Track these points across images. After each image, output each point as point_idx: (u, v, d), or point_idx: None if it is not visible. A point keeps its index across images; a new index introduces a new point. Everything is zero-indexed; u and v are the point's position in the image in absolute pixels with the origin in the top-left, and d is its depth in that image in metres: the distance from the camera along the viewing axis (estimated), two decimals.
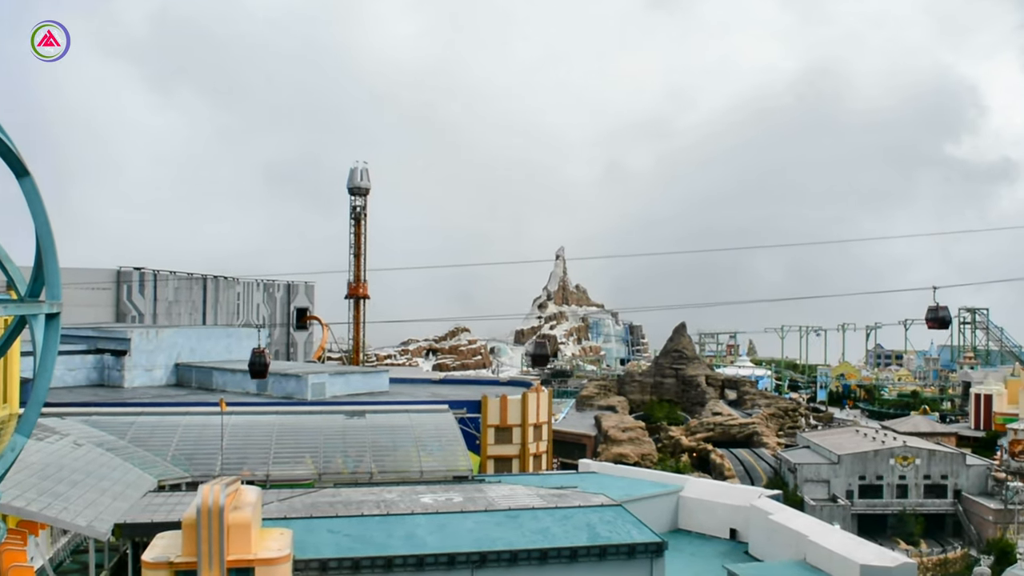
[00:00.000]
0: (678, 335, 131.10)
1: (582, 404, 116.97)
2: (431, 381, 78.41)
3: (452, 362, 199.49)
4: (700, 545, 28.48)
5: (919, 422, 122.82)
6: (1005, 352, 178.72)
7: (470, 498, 24.69)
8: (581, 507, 23.51)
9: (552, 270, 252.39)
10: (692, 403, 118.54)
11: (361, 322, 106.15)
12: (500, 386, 73.42)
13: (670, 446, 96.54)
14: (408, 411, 37.38)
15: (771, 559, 25.37)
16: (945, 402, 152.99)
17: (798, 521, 25.82)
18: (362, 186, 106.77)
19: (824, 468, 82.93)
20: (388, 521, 22.15)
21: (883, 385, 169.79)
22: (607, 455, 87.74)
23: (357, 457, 31.69)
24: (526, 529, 21.92)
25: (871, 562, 21.56)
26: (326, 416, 35.74)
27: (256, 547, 17.59)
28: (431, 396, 61.18)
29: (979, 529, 78.73)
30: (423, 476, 30.66)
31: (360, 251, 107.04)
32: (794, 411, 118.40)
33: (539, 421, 63.30)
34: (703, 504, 30.05)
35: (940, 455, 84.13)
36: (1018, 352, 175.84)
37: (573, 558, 20.94)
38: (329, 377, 57.35)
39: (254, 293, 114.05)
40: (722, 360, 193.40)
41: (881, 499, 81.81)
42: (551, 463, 68.71)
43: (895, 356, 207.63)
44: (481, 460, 57.87)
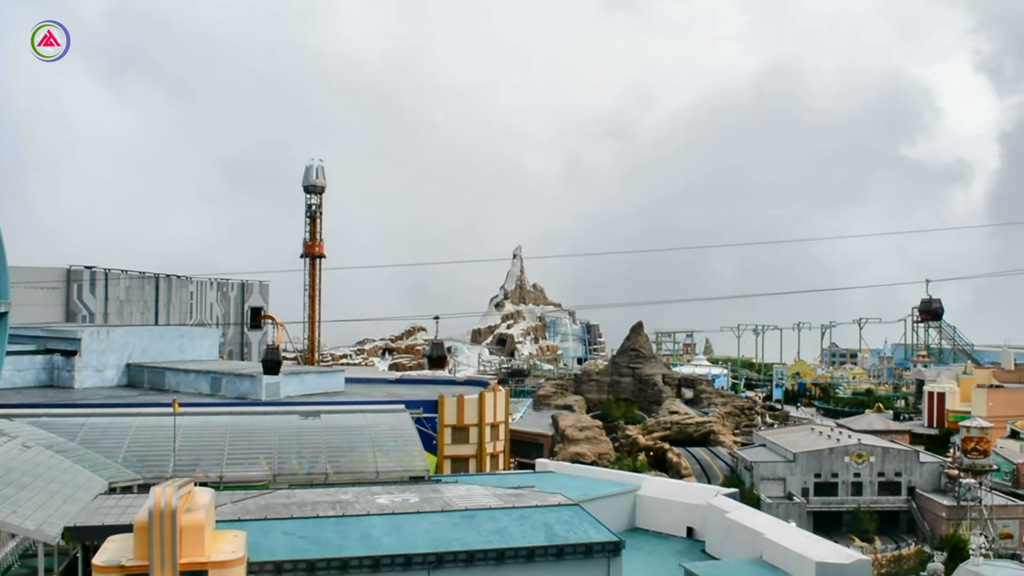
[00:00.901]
0: (635, 334, 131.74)
1: (539, 403, 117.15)
2: (387, 381, 78.08)
3: (409, 362, 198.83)
4: (657, 544, 28.54)
5: (873, 420, 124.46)
6: (958, 350, 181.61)
7: (427, 498, 24.53)
8: (538, 507, 23.45)
9: (509, 269, 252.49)
10: (649, 402, 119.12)
11: (316, 321, 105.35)
12: (457, 386, 73.26)
13: (627, 445, 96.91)
14: (364, 411, 37.11)
15: (728, 557, 25.48)
16: (899, 400, 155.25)
17: (754, 519, 25.95)
18: (318, 184, 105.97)
19: (780, 466, 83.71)
20: (344, 522, 21.93)
21: (838, 383, 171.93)
22: (564, 454, 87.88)
23: (312, 458, 31.39)
24: (483, 529, 21.81)
25: (826, 559, 21.71)
26: (281, 417, 35.37)
27: (209, 550, 17.32)
28: (387, 396, 60.90)
29: (932, 526, 79.91)
30: (379, 477, 30.44)
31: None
32: (750, 410, 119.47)
33: (496, 421, 63.26)
34: (660, 503, 30.12)
35: (894, 453, 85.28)
36: (970, 350, 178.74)
37: (530, 558, 20.86)
38: (284, 377, 56.85)
39: (207, 292, 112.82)
40: (679, 359, 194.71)
41: (836, 497, 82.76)
42: (508, 463, 68.68)
43: (850, 355, 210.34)
44: (438, 460, 57.68)
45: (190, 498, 17.86)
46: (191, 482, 18.78)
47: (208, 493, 18.75)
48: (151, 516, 16.56)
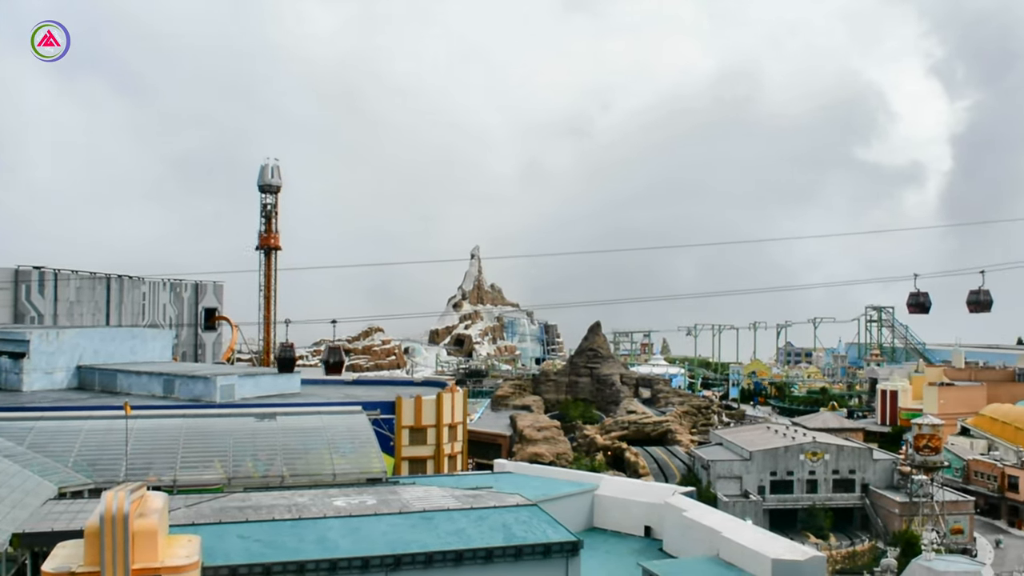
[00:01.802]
0: (593, 334, 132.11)
1: (497, 404, 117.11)
2: (344, 382, 77.58)
3: (366, 363, 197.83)
4: (615, 543, 28.57)
5: (828, 418, 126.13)
6: (910, 349, 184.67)
7: (384, 500, 24.35)
8: (496, 507, 23.37)
9: (467, 269, 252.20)
10: (607, 402, 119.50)
11: (272, 321, 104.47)
12: (415, 386, 73.00)
13: (585, 445, 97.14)
14: (320, 413, 36.81)
15: (685, 555, 25.57)
16: (853, 398, 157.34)
17: (711, 517, 26.06)
18: (273, 183, 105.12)
19: (736, 465, 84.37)
20: (300, 525, 21.70)
21: (793, 382, 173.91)
22: (522, 455, 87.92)
23: (268, 460, 31.05)
24: (441, 531, 21.69)
25: (782, 556, 21.87)
26: (235, 419, 34.96)
27: (163, 555, 17.03)
28: (344, 397, 60.50)
29: (886, 522, 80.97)
30: (336, 479, 30.19)
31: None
32: (707, 409, 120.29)
33: (454, 421, 63.11)
34: (618, 502, 30.17)
35: (848, 450, 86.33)
36: (922, 349, 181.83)
37: (489, 559, 20.79)
38: (239, 379, 56.25)
39: (160, 293, 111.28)
40: (636, 359, 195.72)
41: (792, 494, 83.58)
42: (466, 464, 68.55)
43: (805, 354, 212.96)
44: (395, 462, 57.43)
45: (143, 502, 17.56)
46: (144, 486, 18.46)
47: (161, 497, 18.44)
48: (102, 521, 16.23)
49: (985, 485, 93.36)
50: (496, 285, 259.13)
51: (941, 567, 63.92)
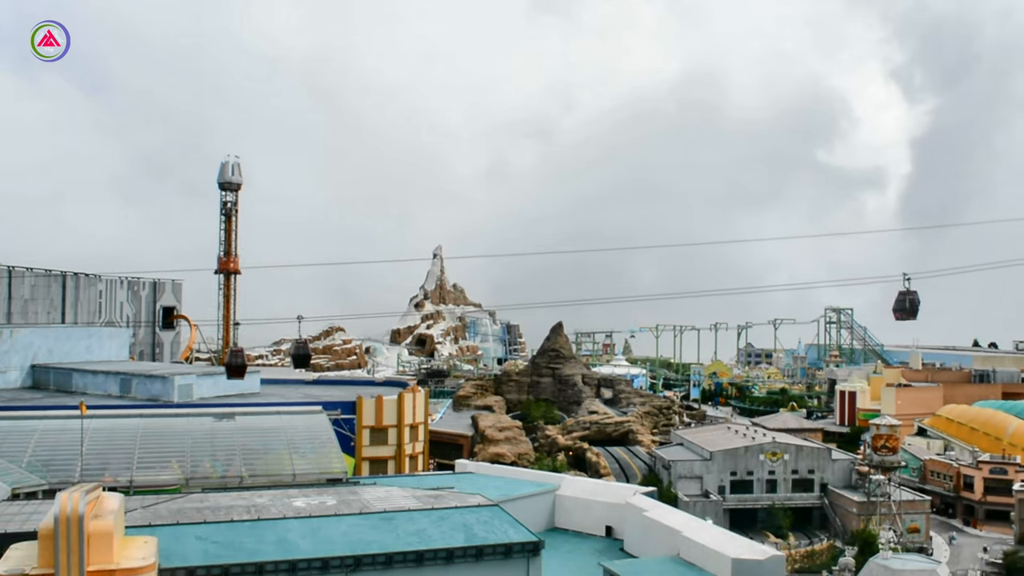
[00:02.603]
0: (555, 334, 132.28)
1: (459, 404, 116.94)
2: (304, 382, 77.14)
3: (326, 362, 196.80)
4: (576, 543, 28.57)
5: (787, 419, 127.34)
6: (868, 350, 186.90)
7: (344, 501, 24.17)
8: (457, 508, 23.28)
9: (429, 269, 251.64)
10: (569, 402, 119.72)
11: (231, 321, 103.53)
12: (376, 386, 72.75)
13: (547, 445, 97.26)
14: (280, 413, 36.48)
15: (646, 555, 25.61)
16: (812, 399, 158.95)
17: (672, 517, 26.12)
18: (233, 181, 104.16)
19: (697, 465, 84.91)
20: (259, 526, 21.46)
21: (753, 383, 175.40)
22: (484, 455, 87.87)
23: (226, 461, 30.73)
24: (402, 531, 21.56)
25: (742, 556, 21.96)
26: (194, 419, 34.54)
27: (118, 556, 16.75)
28: (304, 397, 60.18)
29: (844, 521, 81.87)
30: (295, 479, 29.93)
31: (231, 248, 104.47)
32: (668, 409, 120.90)
33: (415, 422, 62.97)
34: (579, 502, 30.17)
35: (807, 450, 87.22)
36: (880, 351, 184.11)
37: (449, 559, 20.69)
38: (197, 378, 55.73)
39: (117, 291, 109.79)
40: (598, 359, 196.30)
41: (752, 494, 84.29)
42: (427, 464, 68.43)
43: (765, 355, 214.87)
44: (356, 462, 57.16)
45: (98, 503, 17.26)
46: (99, 487, 18.16)
47: (117, 498, 18.15)
48: (57, 522, 15.94)
49: (941, 485, 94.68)
50: (459, 285, 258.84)
51: (898, 566, 64.74)
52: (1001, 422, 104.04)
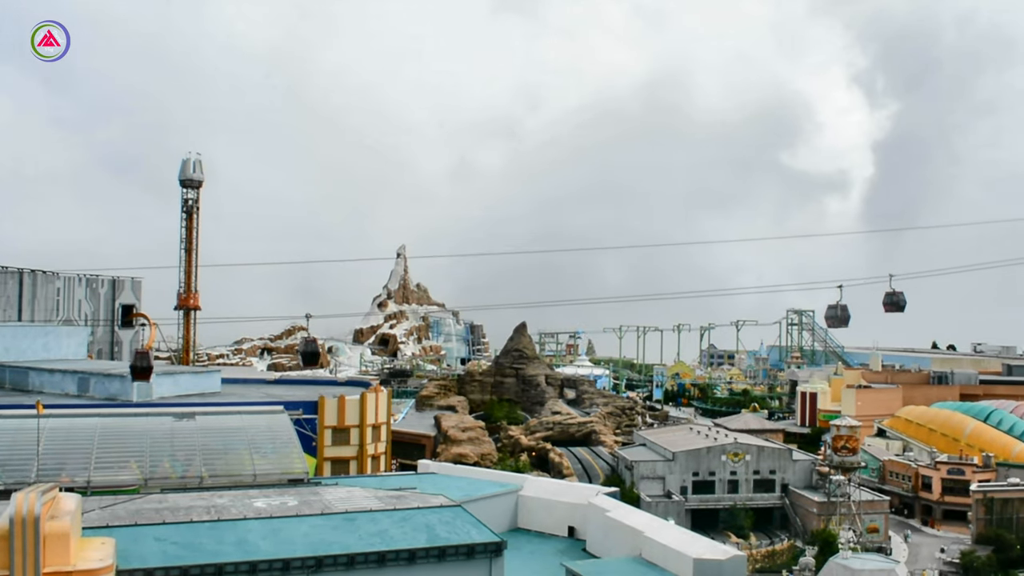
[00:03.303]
0: (518, 335, 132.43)
1: (422, 404, 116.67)
2: (266, 381, 76.63)
3: (288, 362, 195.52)
4: (539, 543, 28.58)
5: (749, 419, 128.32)
6: (829, 352, 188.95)
7: (306, 501, 23.99)
8: (420, 508, 23.19)
9: (393, 268, 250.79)
10: (532, 402, 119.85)
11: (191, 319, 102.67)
12: (338, 386, 72.36)
13: (510, 445, 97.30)
14: (241, 412, 36.11)
15: (608, 555, 25.67)
16: (774, 400, 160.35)
17: (634, 517, 26.20)
18: (195, 178, 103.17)
19: (659, 465, 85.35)
20: (219, 527, 21.24)
21: (716, 384, 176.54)
22: (447, 455, 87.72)
23: (186, 461, 30.37)
24: (363, 532, 21.44)
25: (704, 556, 22.08)
26: (153, 418, 34.09)
27: (75, 558, 16.51)
28: (265, 397, 59.72)
29: (804, 521, 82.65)
30: (256, 480, 29.65)
31: (192, 246, 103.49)
32: (631, 410, 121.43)
33: (378, 422, 62.69)
34: (542, 503, 30.18)
35: (769, 451, 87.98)
36: (841, 352, 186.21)
37: (412, 560, 20.60)
38: (157, 378, 55.01)
39: (76, 289, 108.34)
40: (562, 360, 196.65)
41: (713, 494, 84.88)
42: (390, 464, 68.17)
43: (727, 356, 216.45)
44: (318, 462, 56.82)
45: (55, 504, 17.00)
46: (56, 487, 17.89)
47: (74, 499, 17.89)
48: (12, 523, 15.67)
49: (900, 485, 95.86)
50: (422, 285, 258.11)
51: (857, 565, 65.47)
52: (959, 423, 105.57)
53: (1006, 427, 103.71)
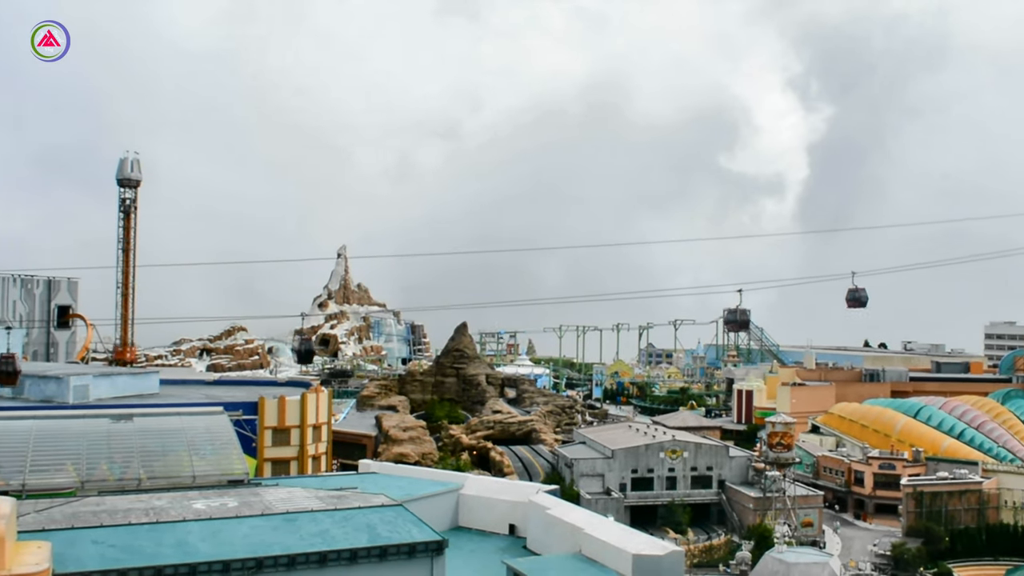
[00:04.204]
0: (459, 335, 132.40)
1: (363, 404, 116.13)
2: (205, 382, 75.90)
3: (228, 362, 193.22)
4: (480, 541, 28.79)
5: (687, 417, 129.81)
6: (765, 351, 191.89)
7: (246, 502, 23.94)
8: (361, 508, 23.27)
9: (334, 268, 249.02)
10: (473, 402, 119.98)
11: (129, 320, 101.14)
12: (278, 387, 72.01)
13: (451, 445, 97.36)
14: (180, 414, 35.81)
15: (548, 553, 25.94)
16: (711, 398, 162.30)
17: (574, 515, 26.53)
18: (132, 177, 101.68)
19: (599, 463, 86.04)
20: (158, 529, 21.13)
21: (654, 382, 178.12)
22: (388, 455, 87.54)
23: (124, 463, 30.08)
24: (304, 532, 21.47)
25: (642, 551, 22.44)
26: (90, 420, 33.68)
27: (10, 562, 16.37)
28: (205, 398, 59.21)
29: (741, 516, 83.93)
30: (196, 481, 29.47)
31: (130, 246, 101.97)
32: (571, 408, 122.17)
33: (318, 422, 62.49)
34: (482, 501, 30.39)
35: (706, 448, 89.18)
36: (776, 351, 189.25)
37: (353, 560, 20.68)
38: (93, 379, 54.32)
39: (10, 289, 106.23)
40: (502, 359, 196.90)
41: (652, 491, 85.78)
42: (331, 464, 67.95)
43: (665, 355, 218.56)
44: (258, 463, 56.50)
45: None
46: None
47: (9, 502, 17.72)
48: None
49: (833, 480, 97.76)
50: (363, 285, 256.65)
51: (792, 559, 66.65)
52: (890, 419, 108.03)
53: (935, 423, 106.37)
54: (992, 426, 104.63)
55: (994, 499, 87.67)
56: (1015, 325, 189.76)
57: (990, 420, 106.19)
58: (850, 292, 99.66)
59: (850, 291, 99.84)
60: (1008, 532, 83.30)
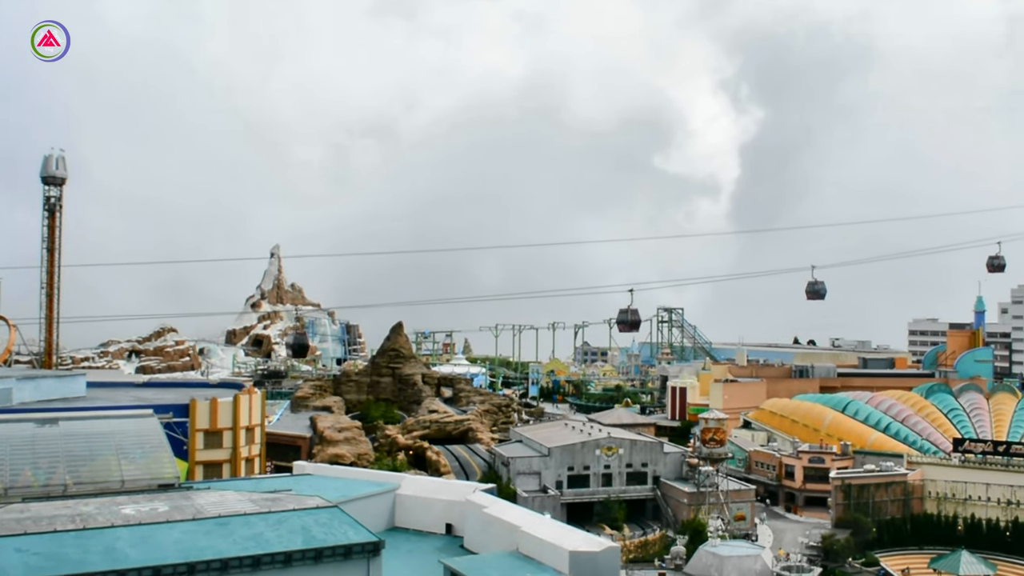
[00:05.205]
0: (395, 334, 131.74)
1: (297, 405, 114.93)
2: (134, 385, 74.49)
3: (158, 364, 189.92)
4: (417, 542, 28.62)
5: (622, 414, 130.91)
6: (698, 348, 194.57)
7: (177, 507, 23.46)
8: (296, 510, 22.95)
9: (267, 268, 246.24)
10: (409, 402, 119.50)
11: (54, 321, 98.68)
12: (210, 388, 70.87)
13: (387, 445, 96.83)
14: (108, 417, 35.00)
15: (486, 551, 25.87)
16: (645, 395, 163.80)
17: (511, 513, 26.49)
18: (57, 175, 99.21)
19: (536, 461, 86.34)
20: (85, 536, 20.58)
21: (590, 380, 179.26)
22: (323, 456, 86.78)
23: (49, 468, 29.30)
24: (237, 536, 21.10)
25: (579, 548, 22.49)
26: (13, 424, 32.74)
27: None
28: (134, 400, 58.08)
29: (675, 511, 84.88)
30: (124, 486, 28.82)
31: (55, 245, 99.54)
32: (507, 407, 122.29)
33: (251, 424, 61.68)
34: (419, 501, 30.21)
35: (641, 444, 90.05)
36: (709, 348, 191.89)
37: (288, 563, 20.38)
38: (16, 382, 52.89)
39: None
40: (439, 358, 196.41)
41: (588, 488, 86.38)
42: (264, 467, 67.14)
43: (601, 353, 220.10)
44: (189, 466, 55.62)
45: None
46: None
47: None
48: None
49: (765, 474, 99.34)
50: (297, 285, 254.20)
51: (725, 552, 67.78)
52: (819, 414, 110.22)
53: (862, 417, 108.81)
54: (916, 419, 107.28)
55: (918, 490, 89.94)
56: (937, 322, 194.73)
57: (914, 414, 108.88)
58: (809, 285, 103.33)
59: (809, 284, 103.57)
60: (932, 522, 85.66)
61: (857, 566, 76.71)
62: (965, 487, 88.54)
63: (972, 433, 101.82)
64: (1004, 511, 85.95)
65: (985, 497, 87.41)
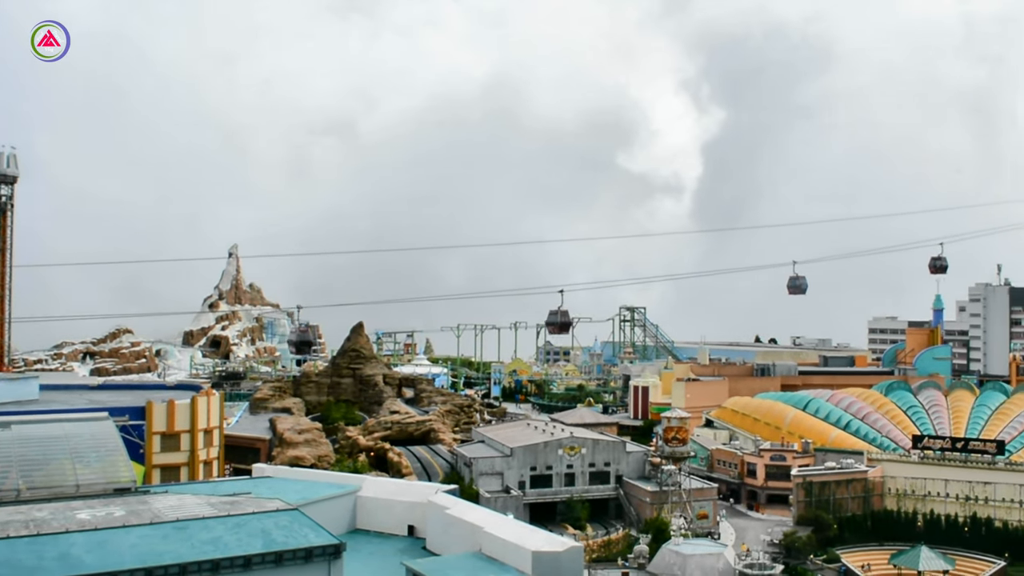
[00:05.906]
0: (355, 334, 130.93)
1: (256, 407, 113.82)
2: (89, 387, 73.44)
3: (113, 366, 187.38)
4: (379, 544, 28.38)
5: (584, 414, 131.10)
6: (660, 347, 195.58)
7: (133, 511, 23.04)
8: (255, 513, 22.63)
9: (225, 268, 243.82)
10: (370, 402, 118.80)
11: (6, 322, 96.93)
12: (167, 391, 70.09)
13: (347, 447, 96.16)
14: (61, 420, 34.34)
15: (448, 553, 25.72)
16: (608, 394, 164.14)
17: (473, 514, 26.37)
18: (9, 174, 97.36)
19: (498, 461, 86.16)
20: (39, 542, 20.13)
21: (552, 380, 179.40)
22: (282, 458, 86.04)
23: (1, 473, 28.66)
24: (196, 540, 20.75)
25: (542, 548, 22.43)
26: None
27: None
28: (89, 403, 57.21)
29: (638, 510, 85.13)
30: (80, 490, 28.26)
31: (6, 245, 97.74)
32: (469, 407, 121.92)
33: (209, 426, 61.11)
34: (381, 503, 29.97)
35: (603, 444, 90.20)
36: (671, 347, 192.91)
37: (248, 566, 20.09)
38: None
39: None
40: (400, 359, 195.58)
41: (551, 488, 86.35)
42: (223, 469, 66.54)
43: (563, 352, 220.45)
44: (147, 470, 54.97)
45: None
46: None
47: None
48: None
49: (727, 472, 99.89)
50: (255, 285, 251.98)
51: (688, 551, 68.07)
52: (780, 412, 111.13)
53: (823, 415, 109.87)
54: (876, 417, 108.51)
55: (879, 487, 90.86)
56: (896, 320, 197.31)
57: (874, 411, 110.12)
58: (791, 280, 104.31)
59: (791, 279, 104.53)
60: (892, 518, 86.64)
61: (819, 563, 77.40)
62: (924, 483, 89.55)
63: (931, 430, 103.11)
64: (962, 507, 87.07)
65: (944, 493, 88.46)
